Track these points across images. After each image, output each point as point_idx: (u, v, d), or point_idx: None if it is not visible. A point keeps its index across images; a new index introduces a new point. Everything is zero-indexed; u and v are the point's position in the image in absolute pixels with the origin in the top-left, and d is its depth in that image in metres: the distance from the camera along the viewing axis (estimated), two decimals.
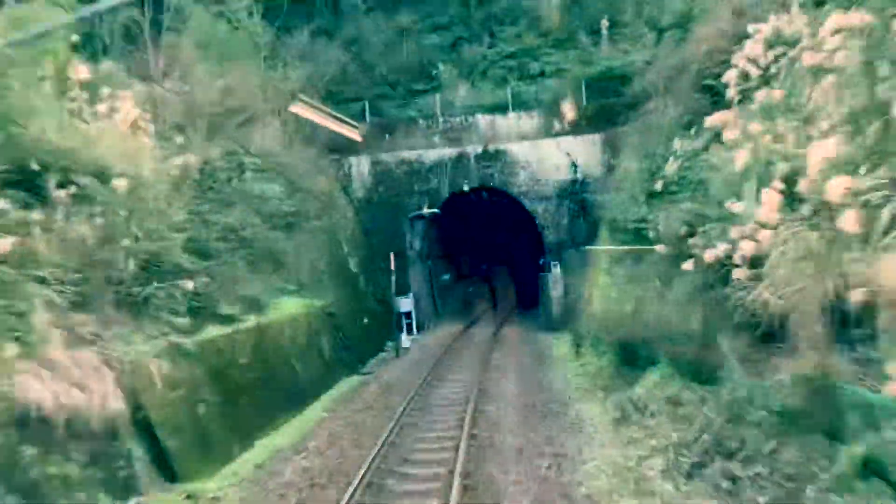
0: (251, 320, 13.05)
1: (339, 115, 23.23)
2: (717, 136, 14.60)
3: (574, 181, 24.36)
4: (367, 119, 26.35)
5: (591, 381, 13.73)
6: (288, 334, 14.17)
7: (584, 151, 24.25)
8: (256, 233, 16.47)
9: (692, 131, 15.60)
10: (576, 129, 24.55)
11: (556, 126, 24.81)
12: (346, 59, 28.48)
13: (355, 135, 24.32)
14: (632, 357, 13.16)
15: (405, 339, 20.88)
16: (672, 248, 13.45)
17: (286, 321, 14.40)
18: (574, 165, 24.37)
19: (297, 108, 21.13)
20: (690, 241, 11.61)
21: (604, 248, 18.21)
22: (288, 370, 13.56)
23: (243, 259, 15.78)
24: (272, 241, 16.87)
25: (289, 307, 15.29)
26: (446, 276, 32.17)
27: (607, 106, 24.35)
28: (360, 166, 25.68)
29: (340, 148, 25.66)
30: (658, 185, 15.66)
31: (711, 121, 14.48)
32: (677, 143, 15.29)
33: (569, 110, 24.88)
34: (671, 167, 15.54)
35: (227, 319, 12.70)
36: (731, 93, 14.46)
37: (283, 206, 17.62)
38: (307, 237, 19.31)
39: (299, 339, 14.73)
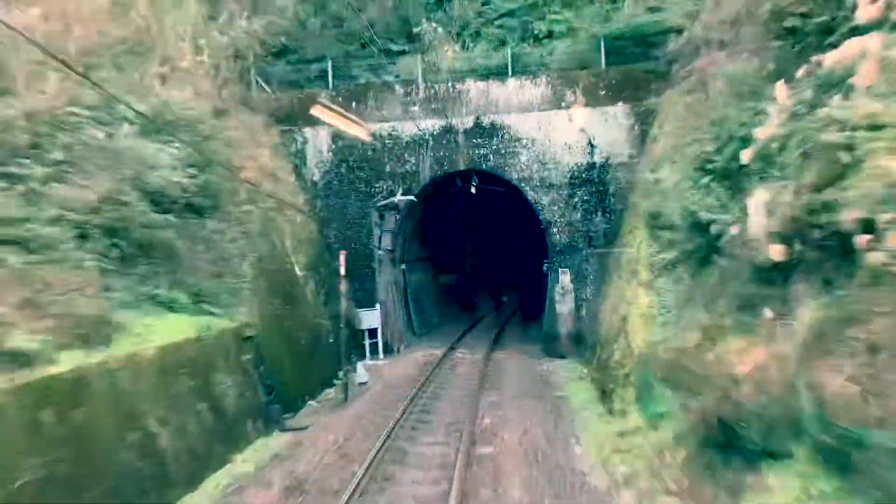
0: (66, 361, 7.46)
1: (354, 118, 17.96)
2: (835, 83, 9.64)
3: (591, 165, 18.96)
4: (331, 83, 20.84)
5: (649, 470, 8.24)
6: (150, 380, 8.58)
7: (605, 127, 18.86)
8: (132, 215, 10.89)
9: (799, 76, 10.37)
10: (594, 99, 19.17)
11: (569, 96, 19.39)
12: (308, 11, 22.96)
13: (364, 133, 18.84)
14: (724, 437, 7.68)
15: (361, 371, 15.30)
16: (797, 252, 8.16)
17: (151, 357, 8.80)
18: (591, 144, 18.96)
19: (316, 111, 16.14)
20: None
21: (653, 252, 12.78)
22: (138, 445, 7.94)
23: (102, 254, 10.23)
24: (158, 229, 11.28)
25: (166, 332, 9.71)
26: (425, 283, 26.55)
27: (634, 71, 19.10)
28: (318, 141, 20.11)
29: (293, 117, 20.12)
30: (746, 156, 10.29)
31: (839, 55, 9.50)
32: (781, 93, 9.92)
33: (585, 76, 19.50)
34: (765, 131, 10.17)
35: (17, 361, 7.13)
36: (865, 13, 9.49)
37: (177, 177, 11.96)
38: (226, 227, 13.74)
39: (175, 384, 9.14)
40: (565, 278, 18.83)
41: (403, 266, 21.95)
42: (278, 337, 13.52)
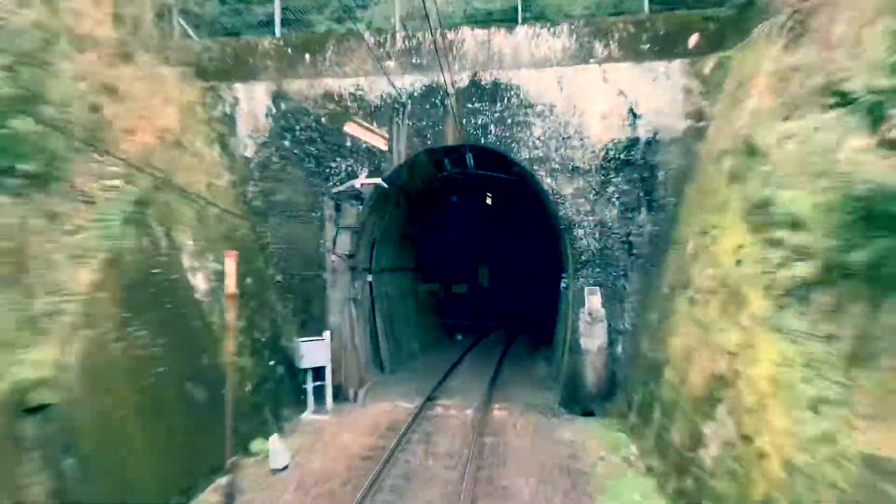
0: None
1: (372, 127, 12.82)
2: None
3: (633, 141, 13.53)
4: (278, 30, 15.42)
5: None
6: None
7: (652, 89, 13.46)
8: None
9: None
10: (634, 53, 13.79)
11: (600, 49, 13.99)
12: None
13: (381, 142, 13.51)
14: None
15: (278, 450, 9.64)
16: None
17: None
18: (633, 113, 13.54)
19: (349, 128, 11.27)
20: None
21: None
22: None
23: None
24: None
25: None
26: (403, 300, 20.97)
27: (690, 18, 13.79)
28: (253, 103, 14.60)
29: (224, 71, 14.69)
30: None
31: None
32: None
33: (622, 25, 14.13)
34: None
35: None
36: None
37: None
38: (62, 210, 8.21)
39: None
40: (595, 300, 13.35)
41: (370, 277, 16.38)
42: (131, 396, 7.96)
